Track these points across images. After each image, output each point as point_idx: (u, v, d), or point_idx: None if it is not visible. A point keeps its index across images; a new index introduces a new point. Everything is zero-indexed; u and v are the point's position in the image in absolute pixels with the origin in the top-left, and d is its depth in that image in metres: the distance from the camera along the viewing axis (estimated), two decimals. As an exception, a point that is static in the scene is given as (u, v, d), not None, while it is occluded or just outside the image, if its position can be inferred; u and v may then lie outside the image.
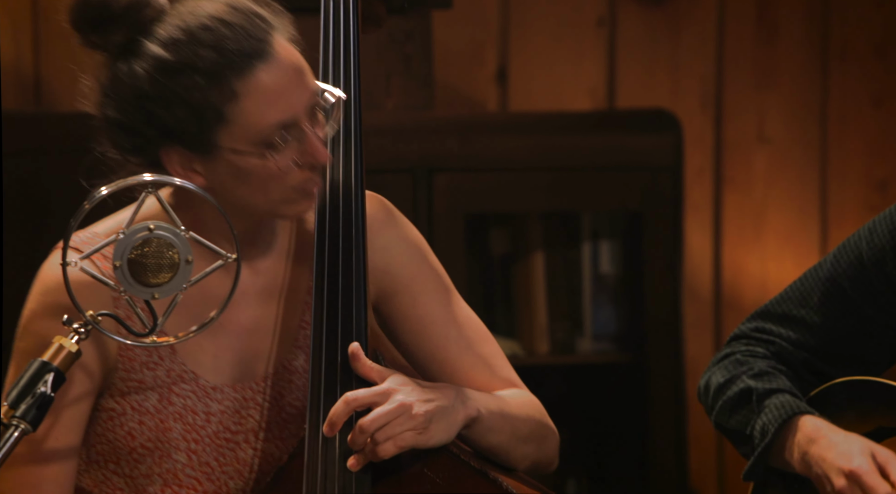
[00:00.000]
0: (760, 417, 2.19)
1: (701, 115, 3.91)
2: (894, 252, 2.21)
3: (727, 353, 2.32)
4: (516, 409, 2.03)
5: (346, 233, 1.96)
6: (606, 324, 3.76)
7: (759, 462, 2.21)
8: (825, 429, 2.14)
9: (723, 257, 3.92)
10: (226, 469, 2.00)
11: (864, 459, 2.06)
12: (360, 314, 1.95)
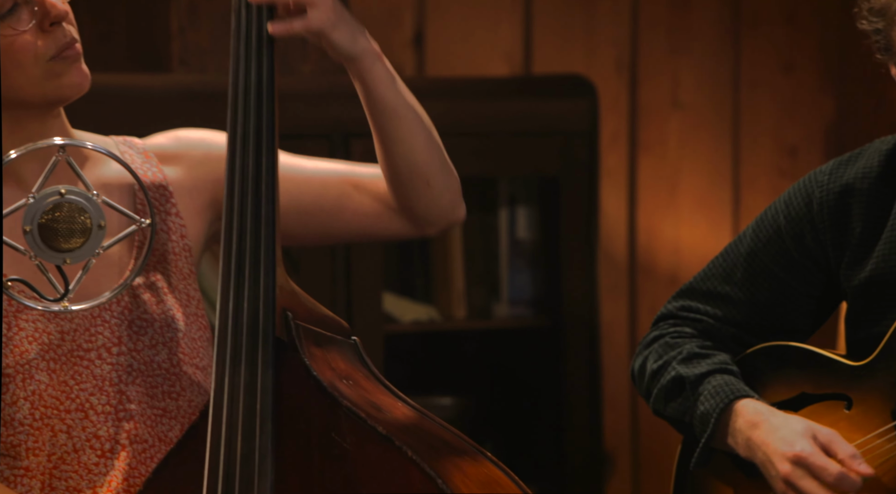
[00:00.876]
0: (698, 405, 2.19)
1: (616, 80, 3.93)
2: (811, 225, 2.22)
3: (656, 336, 2.31)
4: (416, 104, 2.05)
5: (256, 196, 1.95)
6: (523, 289, 3.78)
7: (706, 451, 2.20)
8: (766, 413, 2.14)
9: (637, 221, 3.95)
10: (84, 387, 2.01)
11: (807, 441, 2.07)
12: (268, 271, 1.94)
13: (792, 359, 2.22)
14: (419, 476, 1.83)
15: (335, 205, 2.11)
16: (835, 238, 2.20)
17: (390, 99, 1.99)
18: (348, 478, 1.87)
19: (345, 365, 1.96)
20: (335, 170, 2.15)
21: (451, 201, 2.07)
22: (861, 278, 2.16)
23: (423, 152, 2.02)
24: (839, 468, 2.04)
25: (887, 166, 2.19)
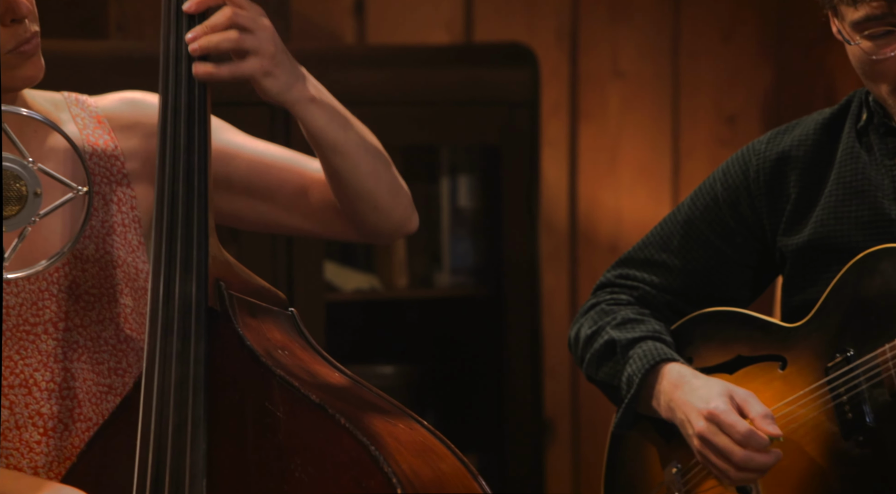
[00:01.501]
0: (626, 368, 2.22)
1: (557, 49, 3.93)
2: (747, 191, 2.24)
3: (593, 303, 2.34)
4: (357, 123, 2.04)
5: (188, 166, 1.95)
6: (464, 258, 3.78)
7: (628, 413, 2.23)
8: (688, 376, 2.17)
9: (578, 190, 3.96)
10: (28, 362, 2.00)
11: (723, 400, 2.10)
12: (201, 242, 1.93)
13: (728, 324, 2.24)
14: (352, 443, 1.83)
15: (290, 198, 2.10)
16: (770, 205, 2.22)
17: (329, 137, 1.98)
18: (282, 447, 1.87)
19: (281, 336, 1.96)
20: (294, 160, 2.11)
21: (402, 217, 2.08)
22: (798, 243, 2.18)
23: (368, 182, 2.02)
24: (748, 426, 2.07)
25: (823, 134, 2.21)
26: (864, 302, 2.08)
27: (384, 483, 1.81)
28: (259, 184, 2.10)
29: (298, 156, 2.12)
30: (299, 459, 1.85)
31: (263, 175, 2.10)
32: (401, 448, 1.87)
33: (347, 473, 1.83)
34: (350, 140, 1.99)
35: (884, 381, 2.03)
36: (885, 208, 2.12)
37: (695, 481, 2.22)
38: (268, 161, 2.11)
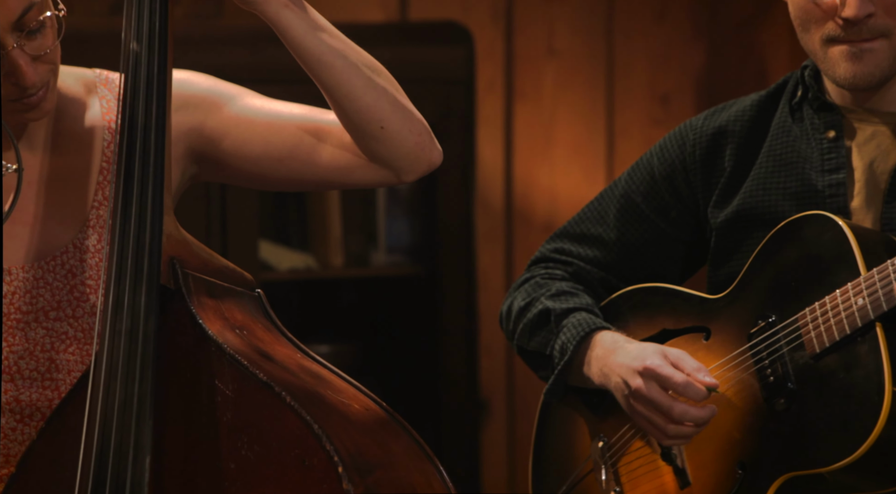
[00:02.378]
0: (559, 336, 2.24)
1: (492, 28, 3.93)
2: (683, 166, 2.28)
3: (527, 278, 2.36)
4: (346, 39, 2.00)
5: (144, 143, 1.93)
6: (400, 237, 3.78)
7: (560, 380, 2.26)
8: (621, 341, 2.20)
9: (514, 169, 3.97)
10: (15, 349, 1.99)
11: (657, 356, 2.13)
12: (155, 219, 1.92)
13: (653, 299, 2.28)
14: (296, 421, 1.83)
15: (308, 152, 2.05)
16: (705, 179, 2.26)
17: (310, 46, 1.94)
18: (230, 425, 1.87)
19: (242, 316, 1.95)
20: (308, 116, 2.08)
21: (418, 144, 1.99)
22: (727, 214, 2.22)
23: (366, 97, 1.96)
24: (685, 377, 2.10)
25: (759, 110, 2.25)
26: (785, 269, 2.11)
27: (326, 461, 1.81)
28: (277, 144, 2.06)
29: (314, 110, 2.08)
30: (246, 437, 1.85)
31: (280, 134, 2.06)
32: (349, 427, 1.87)
33: (291, 451, 1.83)
34: (336, 51, 1.95)
35: (804, 344, 2.06)
36: (812, 179, 2.16)
37: (619, 453, 2.24)
38: (283, 121, 2.06)
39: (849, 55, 2.08)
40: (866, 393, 1.98)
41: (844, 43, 2.07)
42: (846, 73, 2.09)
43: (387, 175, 2.03)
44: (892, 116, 2.15)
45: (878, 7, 2.05)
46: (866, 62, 2.08)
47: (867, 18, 2.05)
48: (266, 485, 1.84)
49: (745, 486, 2.09)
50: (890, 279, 1.99)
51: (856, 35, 2.06)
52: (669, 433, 2.13)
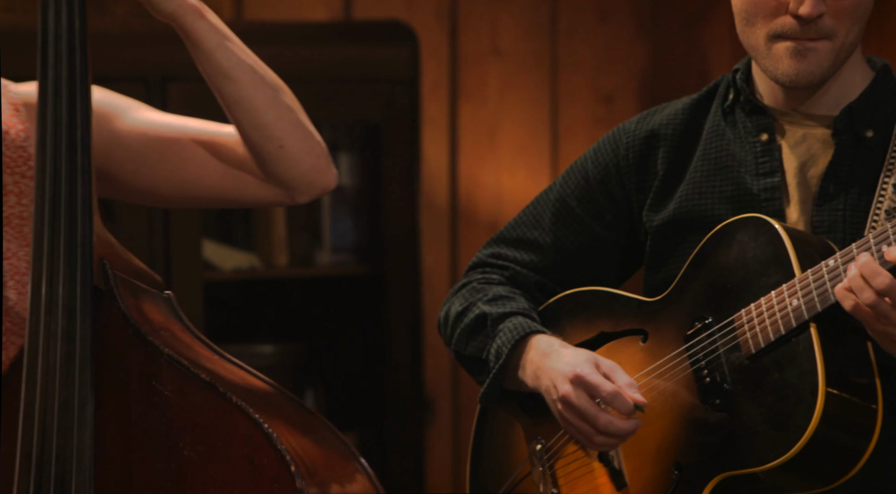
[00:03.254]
0: (495, 341, 2.24)
1: (436, 28, 3.93)
2: (616, 170, 2.29)
3: (464, 283, 2.36)
4: (252, 54, 2.00)
5: (70, 143, 1.92)
6: (345, 237, 3.78)
7: (495, 384, 2.26)
8: (557, 345, 2.20)
9: (459, 169, 3.98)
10: None
11: (588, 366, 2.14)
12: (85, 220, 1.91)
13: (591, 302, 2.29)
14: (244, 421, 1.83)
15: (202, 166, 2.05)
16: (639, 182, 2.27)
17: (220, 60, 1.94)
18: (170, 425, 1.86)
19: (160, 317, 1.95)
20: (202, 129, 2.07)
21: (315, 166, 2.00)
22: (663, 218, 2.24)
23: (268, 114, 1.96)
24: (613, 387, 2.11)
25: (691, 114, 2.26)
26: (722, 271, 2.13)
27: (277, 460, 1.81)
28: (171, 157, 2.06)
29: (209, 124, 2.08)
30: (188, 437, 1.85)
31: (173, 147, 2.06)
32: (289, 427, 1.87)
33: (239, 450, 1.83)
34: (243, 66, 1.95)
35: (740, 345, 2.08)
36: (747, 183, 2.17)
37: (557, 455, 2.26)
38: (177, 133, 2.06)
39: (793, 52, 2.09)
40: (801, 393, 2.00)
41: (791, 40, 2.09)
42: (789, 70, 2.11)
43: (280, 195, 2.04)
44: (823, 119, 2.17)
45: (828, 9, 2.08)
46: (810, 61, 2.10)
47: (818, 18, 2.07)
48: (211, 485, 1.84)
49: (680, 487, 2.10)
50: (824, 280, 2.01)
51: (804, 33, 2.08)
52: (595, 441, 2.13)
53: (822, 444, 1.98)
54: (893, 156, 2.13)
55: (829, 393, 1.97)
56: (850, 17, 2.09)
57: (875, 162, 2.13)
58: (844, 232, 2.11)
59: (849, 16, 2.09)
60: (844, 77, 2.16)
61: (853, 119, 2.14)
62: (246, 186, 2.05)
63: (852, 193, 2.12)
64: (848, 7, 2.08)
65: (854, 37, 2.11)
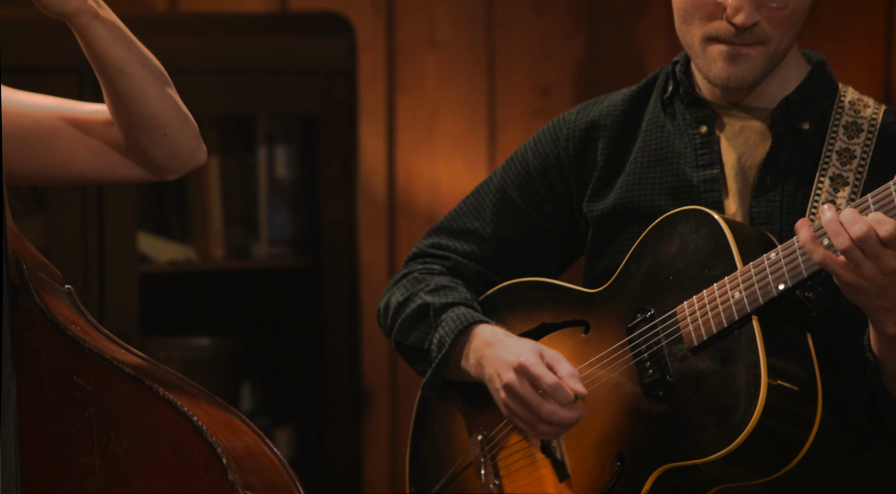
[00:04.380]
0: (438, 330, 2.25)
1: (372, 19, 3.92)
2: (556, 160, 2.30)
3: (405, 273, 2.37)
4: (139, 43, 1.98)
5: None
6: (282, 228, 3.76)
7: (437, 374, 2.27)
8: (501, 335, 2.21)
9: (396, 161, 3.97)
10: None
11: (532, 355, 2.14)
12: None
13: (532, 293, 2.29)
14: (172, 414, 1.81)
15: (67, 146, 2.03)
16: (578, 173, 2.28)
17: (114, 57, 1.92)
18: (92, 419, 1.84)
19: (68, 312, 1.92)
20: (64, 106, 2.05)
21: (191, 147, 2.02)
22: (603, 208, 2.25)
23: (156, 105, 1.96)
24: (555, 378, 2.12)
25: (631, 105, 2.28)
26: (663, 263, 2.14)
27: (208, 453, 1.80)
28: (32, 137, 2.03)
29: (68, 102, 2.06)
30: (113, 432, 1.83)
31: (35, 127, 2.03)
32: (213, 420, 1.85)
33: (168, 444, 1.81)
34: (136, 60, 1.94)
35: (682, 337, 2.09)
36: (686, 174, 2.19)
37: (499, 446, 2.26)
38: (37, 112, 2.04)
39: (727, 56, 2.11)
40: (743, 386, 2.01)
41: (725, 44, 2.10)
42: (721, 73, 2.13)
43: (150, 174, 2.05)
44: (761, 111, 2.19)
45: (763, 16, 2.09)
46: (742, 66, 2.12)
47: (753, 26, 2.08)
48: (138, 479, 1.81)
49: (623, 478, 2.11)
50: (766, 273, 2.02)
51: (738, 39, 2.10)
52: (538, 430, 2.14)
53: (763, 436, 2.00)
54: (829, 148, 2.15)
55: (771, 386, 1.99)
56: (786, 23, 2.11)
57: (812, 154, 2.15)
58: (781, 223, 2.13)
59: (784, 23, 2.11)
60: (781, 72, 2.17)
61: (790, 111, 2.16)
62: (116, 167, 2.05)
63: (789, 185, 2.14)
64: (784, 15, 2.10)
65: (788, 42, 2.13)
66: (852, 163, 2.13)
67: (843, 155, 2.14)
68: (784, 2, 2.09)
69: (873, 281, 1.92)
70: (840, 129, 2.15)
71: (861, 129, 2.15)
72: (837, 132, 2.15)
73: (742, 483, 2.06)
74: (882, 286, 1.93)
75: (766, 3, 2.08)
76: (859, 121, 2.15)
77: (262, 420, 3.75)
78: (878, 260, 1.91)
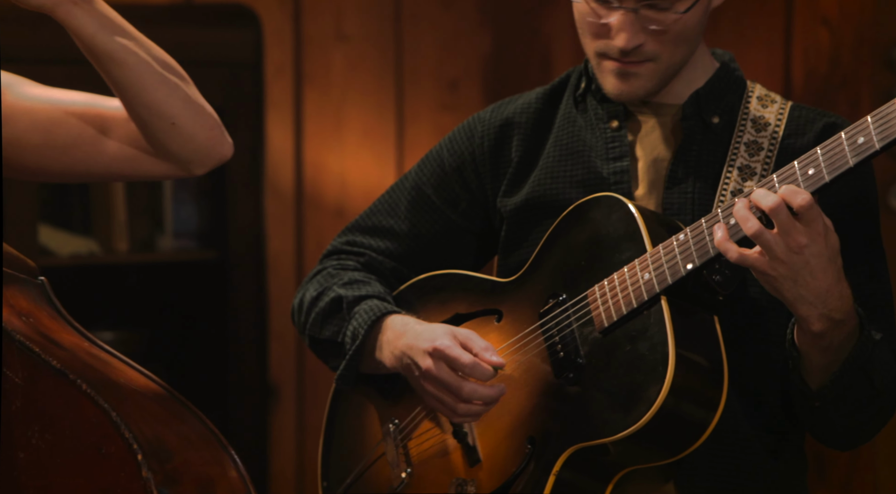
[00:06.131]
0: (351, 323, 2.25)
1: (279, 11, 3.90)
2: (472, 158, 2.32)
3: (319, 270, 2.37)
4: (140, 34, 1.96)
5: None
6: (188, 221, 3.74)
7: (352, 366, 2.27)
8: (411, 323, 2.22)
9: (304, 154, 3.95)
10: None
11: (446, 337, 2.15)
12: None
13: (445, 285, 2.31)
14: (93, 409, 1.80)
15: (93, 143, 2.01)
16: (493, 170, 2.30)
17: (102, 45, 1.90)
18: (19, 413, 1.82)
19: (26, 303, 1.91)
20: (90, 102, 2.03)
21: (209, 139, 1.99)
22: (516, 202, 2.27)
23: (157, 93, 1.94)
24: (472, 357, 2.13)
25: (545, 103, 2.31)
26: (575, 249, 2.16)
27: (125, 449, 1.80)
28: (59, 134, 2.01)
29: (97, 98, 2.04)
30: (38, 426, 1.82)
31: (62, 124, 2.01)
32: (145, 415, 1.85)
33: (87, 439, 1.81)
34: (128, 48, 1.92)
35: (593, 319, 2.11)
36: (597, 167, 2.22)
37: (411, 434, 2.27)
38: (64, 108, 2.02)
39: (617, 73, 2.15)
40: (652, 364, 2.03)
41: (614, 61, 2.13)
42: (613, 89, 2.17)
43: (175, 168, 2.02)
44: (671, 108, 2.22)
45: (648, 36, 2.11)
46: (632, 83, 2.15)
47: (638, 47, 2.11)
48: (60, 474, 1.81)
49: (533, 461, 2.11)
50: (675, 253, 2.04)
51: (625, 58, 2.13)
52: (459, 411, 2.15)
53: (670, 415, 2.01)
54: (738, 140, 2.18)
55: (678, 364, 2.00)
56: (673, 42, 2.14)
57: (721, 147, 2.18)
58: (692, 213, 2.16)
59: (671, 42, 2.13)
60: (687, 72, 2.21)
61: (700, 105, 2.19)
62: (140, 163, 2.02)
63: (700, 176, 2.17)
64: (668, 37, 2.12)
65: (682, 56, 2.16)
66: (759, 155, 2.16)
67: (751, 147, 2.17)
68: (664, 25, 2.11)
69: (787, 264, 1.95)
70: (748, 123, 2.18)
71: (768, 123, 2.18)
72: (746, 125, 2.18)
73: (649, 464, 2.07)
74: (796, 268, 1.95)
75: (647, 25, 2.10)
76: (767, 116, 2.19)
77: (168, 415, 3.71)
78: (788, 236, 1.93)
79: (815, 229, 1.93)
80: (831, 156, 1.93)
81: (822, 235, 1.94)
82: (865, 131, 1.91)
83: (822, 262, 1.95)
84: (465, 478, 2.19)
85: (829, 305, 1.98)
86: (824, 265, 1.95)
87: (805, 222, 1.93)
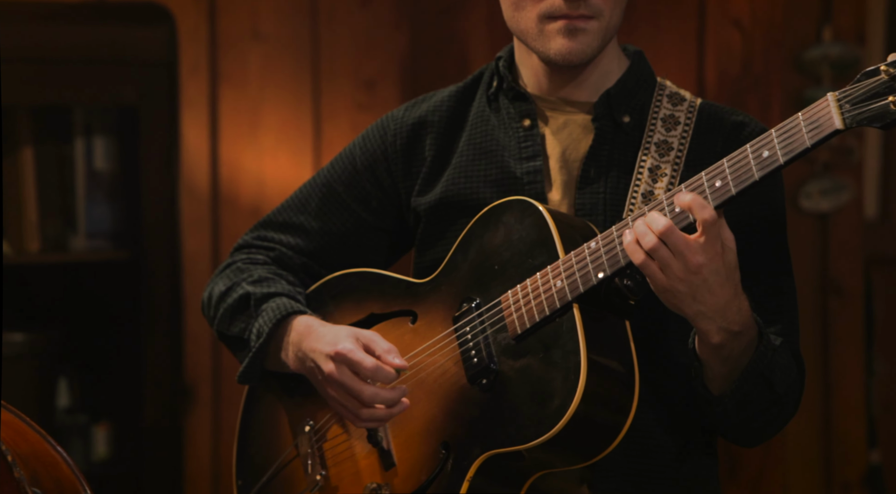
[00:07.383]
0: (257, 320, 2.24)
1: (194, 10, 3.87)
2: (384, 156, 2.32)
3: (229, 263, 2.37)
4: None
5: None
6: (101, 221, 3.70)
7: (254, 364, 2.26)
8: (315, 325, 2.21)
9: (220, 154, 3.93)
10: None
11: (349, 340, 2.15)
12: None
13: (362, 284, 2.30)
14: None
15: None
16: (406, 168, 2.30)
17: None
18: None
19: None
20: None
21: None
22: (430, 201, 2.27)
23: None
24: (374, 361, 2.13)
25: (458, 102, 2.31)
26: (488, 253, 2.16)
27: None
28: None
29: None
30: None
31: None
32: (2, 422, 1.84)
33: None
34: None
35: (507, 325, 2.11)
36: (510, 167, 2.22)
37: (326, 437, 2.26)
38: None
39: (565, 31, 2.15)
40: (564, 372, 2.03)
41: (562, 19, 2.13)
42: (562, 49, 2.16)
43: None
44: (583, 105, 2.23)
45: None
46: (580, 40, 2.15)
47: None
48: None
49: (448, 466, 2.11)
50: (586, 261, 2.05)
51: (573, 10, 2.12)
52: (362, 416, 2.15)
53: (583, 422, 2.02)
54: (648, 140, 2.19)
55: (590, 372, 2.01)
56: None
57: (632, 146, 2.19)
58: (605, 214, 2.16)
59: None
60: (604, 63, 2.21)
61: (611, 105, 2.20)
62: None
63: (612, 177, 2.18)
64: None
65: (617, 19, 2.18)
66: (670, 155, 2.17)
67: (661, 147, 2.18)
68: None
69: (684, 281, 1.97)
70: (658, 122, 2.19)
71: (678, 122, 2.20)
72: (656, 125, 2.19)
73: (563, 469, 2.08)
74: (693, 286, 1.97)
75: None
76: (676, 114, 2.20)
77: (80, 416, 3.68)
78: (683, 257, 1.95)
79: (713, 247, 1.96)
80: (737, 169, 1.95)
81: (719, 254, 1.96)
82: (770, 145, 1.93)
83: (720, 279, 1.97)
84: (379, 483, 2.19)
85: (727, 319, 2.00)
86: (722, 281, 1.98)
87: (705, 238, 1.95)
